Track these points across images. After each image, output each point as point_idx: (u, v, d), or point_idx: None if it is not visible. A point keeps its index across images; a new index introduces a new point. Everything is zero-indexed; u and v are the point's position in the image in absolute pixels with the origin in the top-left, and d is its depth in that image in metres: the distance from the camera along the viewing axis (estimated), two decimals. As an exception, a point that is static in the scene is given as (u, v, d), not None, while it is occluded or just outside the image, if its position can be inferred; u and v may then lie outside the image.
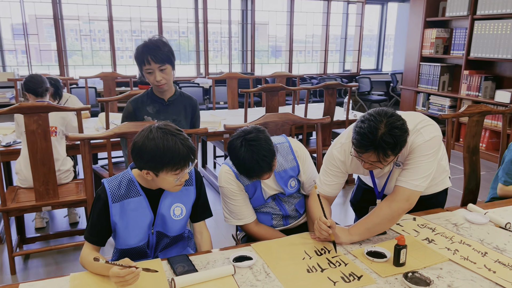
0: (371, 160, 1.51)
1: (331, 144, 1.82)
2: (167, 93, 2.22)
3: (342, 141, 1.75)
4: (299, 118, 2.20)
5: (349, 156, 1.74)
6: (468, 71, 5.33)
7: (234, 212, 1.83)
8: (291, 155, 1.87)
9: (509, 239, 1.65)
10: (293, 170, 1.86)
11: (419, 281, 1.35)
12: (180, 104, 2.27)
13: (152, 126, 1.40)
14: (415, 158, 1.58)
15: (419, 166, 1.58)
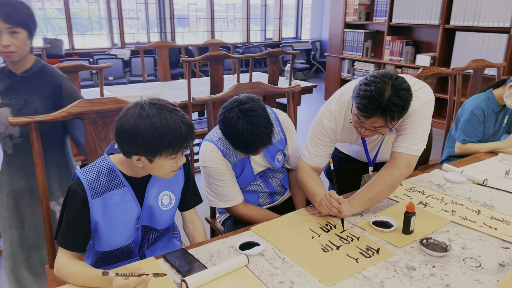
0: (376, 126, 1.43)
1: (318, 113, 1.70)
2: (20, 66, 1.67)
3: (331, 108, 1.65)
4: (271, 87, 2.05)
5: (340, 124, 1.64)
6: (390, 36, 5.58)
7: (220, 194, 1.65)
8: (278, 127, 1.73)
9: (492, 195, 1.72)
10: (280, 143, 1.72)
11: (436, 247, 1.33)
12: (36, 81, 1.70)
13: (142, 102, 1.14)
14: (412, 122, 1.54)
15: (417, 130, 1.54)
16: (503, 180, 1.86)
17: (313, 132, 1.69)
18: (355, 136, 1.70)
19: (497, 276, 1.20)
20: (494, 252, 1.32)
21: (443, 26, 4.92)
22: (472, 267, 1.24)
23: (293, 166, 1.85)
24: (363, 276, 1.20)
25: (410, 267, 1.24)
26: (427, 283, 1.17)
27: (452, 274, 1.21)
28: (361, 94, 1.39)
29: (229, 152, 1.63)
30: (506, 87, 2.25)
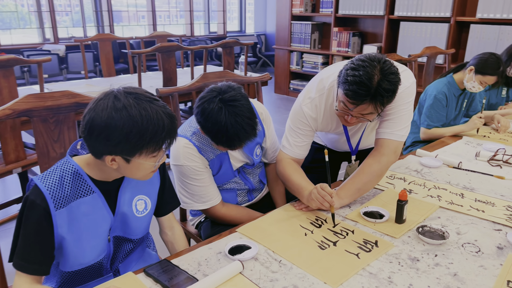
0: (365, 113, 1.35)
1: (297, 101, 1.60)
2: None
3: (311, 95, 1.55)
4: (240, 76, 1.91)
5: (320, 112, 1.55)
6: (337, 28, 5.64)
7: (197, 195, 1.49)
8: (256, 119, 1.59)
9: (469, 178, 1.72)
10: (259, 135, 1.59)
11: (434, 235, 1.28)
12: None
13: (115, 91, 0.96)
14: (397, 107, 1.48)
15: (402, 115, 1.48)
16: (475, 162, 1.88)
17: (293, 121, 1.58)
18: (335, 124, 1.61)
19: (498, 260, 1.17)
20: (488, 235, 1.29)
21: (387, 17, 5.04)
22: (473, 252, 1.20)
23: (270, 159, 1.73)
24: (368, 272, 1.12)
25: (413, 259, 1.18)
26: (435, 274, 1.11)
27: (456, 261, 1.16)
28: (349, 80, 1.29)
29: (205, 148, 1.47)
30: (466, 71, 2.29)
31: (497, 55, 2.25)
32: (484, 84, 2.23)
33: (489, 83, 2.23)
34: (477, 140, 2.20)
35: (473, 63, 2.26)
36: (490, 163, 1.86)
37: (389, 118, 1.49)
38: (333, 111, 1.55)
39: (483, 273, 1.11)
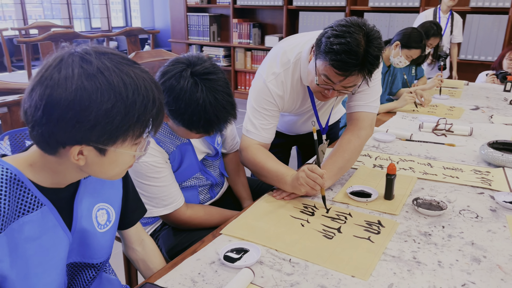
0: (349, 85, 1.21)
1: (258, 77, 1.39)
2: None
3: (275, 71, 1.36)
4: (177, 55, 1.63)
5: (287, 89, 1.37)
6: (236, 19, 5.53)
7: (157, 197, 1.19)
8: None
9: (425, 148, 1.72)
10: None
11: (431, 206, 1.20)
12: None
13: (78, 52, 0.66)
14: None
15: (374, 85, 1.39)
16: (421, 134, 1.91)
17: (257, 101, 1.37)
18: (300, 102, 1.45)
19: (499, 222, 1.14)
20: (476, 199, 1.27)
21: (286, 7, 5.10)
22: (473, 218, 1.16)
23: (230, 148, 1.50)
24: (390, 256, 0.98)
25: (424, 234, 1.08)
26: (455, 246, 1.02)
27: (464, 230, 1.09)
28: (335, 49, 1.13)
29: (164, 139, 1.19)
30: (392, 47, 2.35)
31: (418, 29, 2.35)
32: (410, 58, 2.31)
33: (414, 57, 2.31)
34: (411, 114, 2.27)
35: (397, 38, 2.33)
36: (435, 133, 1.91)
37: (361, 90, 1.39)
38: (299, 87, 1.39)
39: (495, 238, 1.06)
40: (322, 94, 1.29)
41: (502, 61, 3.30)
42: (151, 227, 1.38)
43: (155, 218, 1.35)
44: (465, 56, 4.22)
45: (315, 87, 1.27)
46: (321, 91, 1.27)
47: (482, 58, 4.15)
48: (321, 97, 1.31)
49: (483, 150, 1.55)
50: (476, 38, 4.12)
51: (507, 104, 2.50)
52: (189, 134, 1.13)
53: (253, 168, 1.36)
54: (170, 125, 1.18)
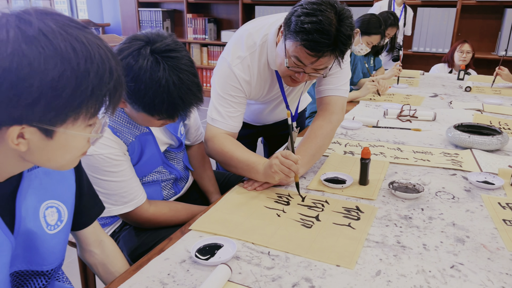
0: (320, 67, 1.14)
1: (222, 61, 1.30)
2: None
3: (241, 54, 1.27)
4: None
5: (254, 73, 1.29)
6: (191, 14, 5.38)
7: (116, 194, 1.07)
8: None
9: (393, 133, 1.70)
10: None
11: (408, 190, 1.17)
12: None
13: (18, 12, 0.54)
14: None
15: (344, 68, 1.34)
16: (386, 120, 1.89)
17: (223, 87, 1.28)
18: (267, 88, 1.38)
19: (475, 202, 1.12)
20: (450, 181, 1.25)
21: (241, 2, 5.02)
22: (450, 199, 1.13)
23: (194, 140, 1.40)
24: (374, 242, 0.92)
25: (405, 217, 1.03)
26: (437, 228, 0.98)
27: (444, 211, 1.06)
28: (307, 28, 1.05)
29: (121, 128, 1.07)
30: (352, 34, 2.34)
31: (376, 14, 2.35)
32: (370, 44, 2.30)
33: (375, 43, 2.31)
34: (373, 102, 2.26)
35: (357, 25, 2.31)
36: (400, 119, 1.90)
37: (331, 73, 1.33)
38: (267, 72, 1.31)
39: (475, 217, 1.04)
40: (291, 79, 1.21)
41: (454, 53, 3.41)
42: (109, 229, 1.24)
43: (114, 218, 1.23)
44: (418, 49, 4.34)
45: (284, 71, 1.19)
46: (290, 75, 1.20)
47: (433, 50, 4.28)
48: (290, 82, 1.23)
49: (450, 133, 1.55)
50: (427, 31, 4.24)
51: (462, 91, 2.56)
52: (150, 121, 1.02)
53: (221, 158, 1.26)
54: (128, 111, 1.06)
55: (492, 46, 4.27)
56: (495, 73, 2.61)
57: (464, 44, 3.32)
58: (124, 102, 0.99)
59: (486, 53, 4.14)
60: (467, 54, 3.31)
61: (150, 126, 1.08)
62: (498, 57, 4.03)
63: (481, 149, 1.48)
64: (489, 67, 4.05)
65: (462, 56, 3.32)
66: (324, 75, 1.20)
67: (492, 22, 4.20)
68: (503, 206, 1.09)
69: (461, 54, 3.33)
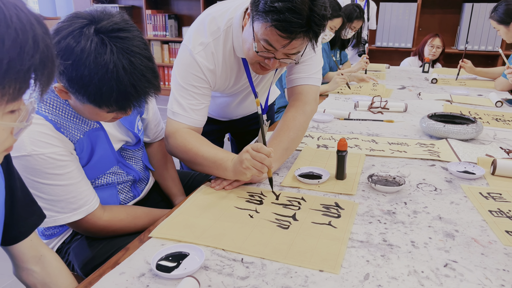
0: (292, 52, 1.04)
1: (183, 49, 1.17)
2: None
3: (203, 40, 1.15)
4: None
5: (218, 61, 1.17)
6: (150, 10, 5.17)
7: (63, 200, 0.92)
8: None
9: (366, 125, 1.63)
10: None
11: (388, 183, 1.09)
12: None
13: None
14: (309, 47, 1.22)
15: (315, 55, 1.24)
16: (357, 113, 1.82)
17: (184, 78, 1.15)
18: (234, 78, 1.26)
19: (458, 193, 1.05)
20: (430, 172, 1.18)
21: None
22: (432, 192, 1.06)
23: (154, 137, 1.26)
24: (358, 241, 0.83)
25: (388, 212, 0.95)
26: (423, 223, 0.90)
27: (428, 204, 0.99)
28: (277, 7, 0.94)
29: (66, 123, 0.92)
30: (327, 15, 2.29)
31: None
32: (334, 28, 2.25)
33: (337, 26, 2.25)
34: (343, 95, 2.19)
35: None
36: (371, 111, 1.84)
37: (303, 61, 1.23)
38: (233, 60, 1.20)
39: (461, 210, 0.97)
40: (260, 66, 1.10)
41: (425, 47, 3.42)
42: (57, 240, 1.09)
43: (63, 227, 1.07)
44: (381, 44, 4.36)
45: (252, 57, 1.08)
46: (259, 61, 1.09)
47: (396, 45, 4.32)
48: (260, 69, 1.12)
49: (424, 123, 1.50)
50: (390, 26, 4.27)
51: (429, 83, 2.55)
52: (99, 114, 0.88)
53: (184, 156, 1.14)
54: (73, 103, 0.92)
55: (452, 40, 4.36)
56: (459, 65, 2.62)
57: (435, 38, 3.33)
58: (67, 93, 0.85)
59: (447, 47, 4.21)
60: (437, 49, 3.32)
61: (100, 120, 0.94)
62: (458, 51, 4.12)
63: (456, 138, 1.43)
64: (450, 61, 4.12)
65: (432, 50, 3.34)
66: (296, 61, 1.10)
67: (451, 16, 4.28)
68: (485, 196, 1.03)
69: (431, 48, 3.35)
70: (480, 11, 3.95)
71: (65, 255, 1.08)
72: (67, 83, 0.81)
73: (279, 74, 1.40)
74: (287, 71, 1.29)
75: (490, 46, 4.03)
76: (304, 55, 1.21)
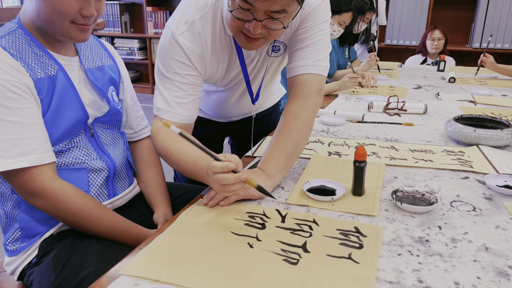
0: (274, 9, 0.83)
1: (165, 31, 0.99)
2: None
3: (188, 18, 0.97)
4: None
5: (207, 42, 0.99)
6: (151, 7, 5.01)
7: (7, 139, 0.80)
8: (103, 50, 1.04)
9: (383, 129, 1.45)
10: (113, 71, 1.03)
11: (416, 200, 0.90)
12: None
13: None
14: (314, 28, 1.03)
15: (321, 39, 1.05)
16: (372, 115, 1.64)
17: (166, 66, 0.98)
18: (227, 62, 1.07)
19: (502, 214, 0.87)
20: (463, 186, 1.00)
21: (205, -7, 4.70)
22: (470, 212, 0.87)
23: (137, 129, 1.11)
24: (388, 283, 0.65)
25: (419, 240, 0.77)
26: (466, 255, 0.72)
27: (468, 228, 0.81)
28: None
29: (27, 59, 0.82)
30: None
31: None
32: (343, 24, 2.06)
33: (347, 22, 2.07)
34: (354, 95, 2.01)
35: None
36: (387, 112, 1.65)
37: (305, 44, 1.04)
38: (223, 40, 1.02)
39: (510, 236, 0.78)
40: (244, 36, 0.92)
41: (425, 42, 3.24)
42: (22, 259, 0.91)
43: (25, 245, 0.90)
44: (391, 41, 4.17)
45: (231, 23, 0.90)
46: (242, 29, 0.91)
47: (406, 42, 4.12)
48: (245, 42, 0.93)
49: (450, 126, 1.31)
50: (400, 23, 4.07)
51: (446, 82, 2.36)
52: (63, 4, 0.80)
53: (167, 160, 0.96)
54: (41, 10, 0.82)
55: (465, 38, 4.16)
56: (479, 61, 2.43)
57: (434, 31, 3.15)
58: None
59: (460, 45, 4.01)
60: (439, 41, 3.15)
61: (65, 17, 0.83)
62: (473, 49, 3.92)
63: (488, 145, 1.24)
64: (463, 60, 3.93)
65: (434, 44, 3.16)
66: (285, 26, 0.90)
67: (465, 13, 4.08)
68: (534, 217, 0.85)
69: (433, 42, 3.17)
70: (496, 7, 3.74)
71: (28, 281, 0.90)
72: None
73: (278, 66, 1.21)
74: (288, 58, 1.10)
75: (507, 43, 3.82)
76: (305, 38, 1.03)
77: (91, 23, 0.89)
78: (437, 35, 3.13)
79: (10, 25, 0.87)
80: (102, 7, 0.90)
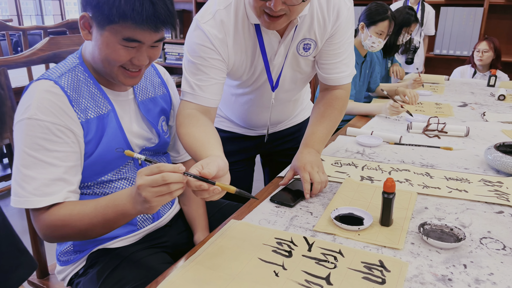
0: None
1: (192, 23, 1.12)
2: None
3: (213, 9, 1.08)
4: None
5: (230, 30, 1.08)
6: (199, 14, 5.17)
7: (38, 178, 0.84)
8: (158, 78, 1.11)
9: (420, 152, 1.44)
10: (165, 100, 1.11)
11: (444, 235, 0.91)
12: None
13: None
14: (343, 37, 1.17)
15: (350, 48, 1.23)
16: (410, 136, 1.63)
17: (192, 51, 1.08)
18: (250, 51, 1.14)
19: (534, 255, 0.86)
20: (496, 221, 0.99)
21: (252, 1, 4.79)
22: (500, 251, 0.87)
23: (182, 155, 1.19)
24: (403, 321, 0.67)
25: (442, 278, 0.78)
26: (488, 298, 0.73)
27: (494, 269, 0.81)
28: None
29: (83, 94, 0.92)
30: (359, 31, 2.12)
31: (378, 1, 2.12)
32: (382, 34, 2.06)
33: (385, 31, 2.06)
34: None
35: (361, 19, 2.13)
36: (426, 134, 1.63)
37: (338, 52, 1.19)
38: (246, 30, 1.10)
39: (538, 280, 0.78)
40: (268, 16, 0.99)
41: (474, 53, 3.14)
42: (71, 269, 1.01)
43: (75, 257, 1.00)
44: (440, 51, 4.04)
45: (254, 4, 0.98)
46: (264, 9, 0.98)
47: (457, 53, 3.98)
48: (268, 22, 1.01)
49: (490, 154, 1.29)
50: (451, 32, 3.94)
51: (495, 99, 2.28)
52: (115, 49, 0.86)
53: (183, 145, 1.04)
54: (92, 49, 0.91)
55: (522, 49, 3.95)
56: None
57: (481, 42, 3.04)
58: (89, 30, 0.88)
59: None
60: (484, 53, 3.02)
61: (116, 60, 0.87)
62: (529, 60, 3.71)
63: (530, 176, 1.21)
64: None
65: (478, 55, 3.04)
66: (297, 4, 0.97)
67: (521, 22, 3.87)
68: None
69: (478, 53, 3.06)
70: (557, 17, 3.53)
71: (76, 287, 1.00)
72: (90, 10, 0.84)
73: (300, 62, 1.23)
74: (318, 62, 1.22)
75: None
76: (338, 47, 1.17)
77: (141, 69, 0.92)
78: (482, 47, 3.02)
79: (72, 60, 0.94)
80: (157, 54, 0.90)
